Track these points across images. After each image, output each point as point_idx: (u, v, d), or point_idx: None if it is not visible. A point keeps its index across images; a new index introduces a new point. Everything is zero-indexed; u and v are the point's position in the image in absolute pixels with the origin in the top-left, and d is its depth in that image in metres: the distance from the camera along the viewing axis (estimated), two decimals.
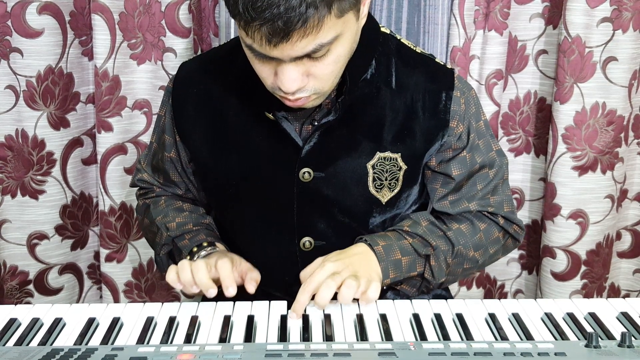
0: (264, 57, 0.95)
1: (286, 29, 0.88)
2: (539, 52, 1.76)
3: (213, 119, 1.16)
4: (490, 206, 1.19)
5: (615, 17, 1.63)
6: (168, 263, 1.22)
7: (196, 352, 0.85)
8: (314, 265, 1.07)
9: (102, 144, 1.67)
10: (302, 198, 1.14)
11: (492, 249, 1.21)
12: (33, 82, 1.60)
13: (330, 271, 1.03)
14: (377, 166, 1.13)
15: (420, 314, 1.01)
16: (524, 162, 1.85)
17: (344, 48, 0.97)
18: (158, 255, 1.23)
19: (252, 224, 1.19)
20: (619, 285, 1.95)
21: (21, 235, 1.71)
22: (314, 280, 1.02)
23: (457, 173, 1.17)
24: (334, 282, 1.01)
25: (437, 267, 1.13)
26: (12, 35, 1.57)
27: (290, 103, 1.01)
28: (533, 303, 1.06)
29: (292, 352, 0.84)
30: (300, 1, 0.86)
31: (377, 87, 1.12)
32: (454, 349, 0.86)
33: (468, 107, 1.16)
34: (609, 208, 1.77)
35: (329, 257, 1.07)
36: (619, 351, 0.84)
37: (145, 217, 1.28)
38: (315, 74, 0.97)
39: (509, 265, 1.93)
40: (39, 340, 0.94)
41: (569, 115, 1.69)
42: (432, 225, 1.16)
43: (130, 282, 1.79)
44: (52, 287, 1.78)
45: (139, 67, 1.65)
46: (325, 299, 1.00)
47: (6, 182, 1.67)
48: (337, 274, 1.02)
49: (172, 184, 1.27)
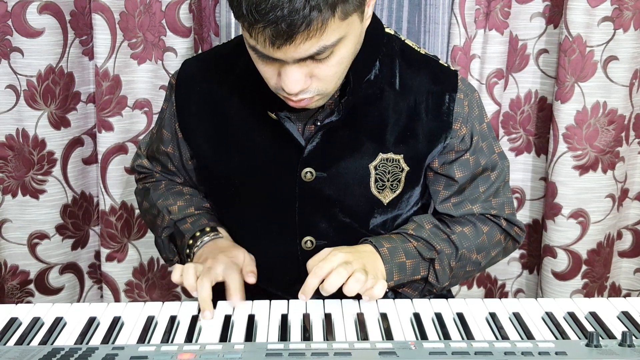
0: (268, 58, 0.95)
1: (290, 32, 0.88)
2: (539, 52, 1.76)
3: (215, 118, 1.16)
4: (493, 208, 1.19)
5: (616, 16, 1.63)
6: (169, 246, 1.23)
7: (197, 351, 0.85)
8: (321, 254, 1.06)
9: (102, 143, 1.67)
10: (303, 198, 1.14)
11: (493, 252, 1.21)
12: (34, 82, 1.60)
13: (343, 260, 1.03)
14: (379, 167, 1.13)
15: (420, 313, 1.01)
16: (525, 162, 1.85)
17: (347, 50, 0.97)
18: (159, 237, 1.24)
19: (254, 223, 1.19)
20: (619, 285, 1.95)
21: (22, 234, 1.72)
22: (326, 266, 1.02)
23: (460, 175, 1.17)
24: (345, 271, 1.01)
25: (441, 271, 1.14)
26: (13, 35, 1.57)
27: (294, 104, 1.01)
28: (534, 302, 1.06)
29: (293, 351, 0.84)
30: (304, 4, 0.86)
31: (381, 88, 1.12)
32: (454, 348, 0.86)
33: (471, 110, 1.16)
34: (610, 207, 1.77)
35: (339, 248, 1.07)
36: (619, 350, 0.84)
37: (145, 199, 1.29)
38: (318, 76, 0.97)
39: (510, 265, 1.93)
40: (39, 339, 0.94)
41: (569, 115, 1.69)
42: (436, 229, 1.16)
43: (130, 281, 1.79)
44: (53, 287, 1.78)
45: (140, 66, 1.65)
46: (334, 286, 1.00)
47: (7, 181, 1.67)
48: (349, 263, 1.02)
49: (171, 173, 1.28)
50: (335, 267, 1.01)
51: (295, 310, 1.03)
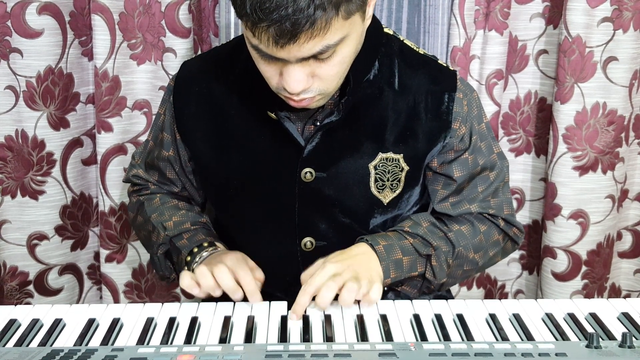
0: (270, 58, 0.95)
1: (294, 31, 0.88)
2: (539, 52, 1.76)
3: (215, 118, 1.16)
4: (491, 208, 1.19)
5: (616, 16, 1.63)
6: (165, 263, 1.22)
7: (196, 352, 0.85)
8: (315, 266, 1.07)
9: (102, 144, 1.67)
10: (303, 198, 1.14)
11: (491, 251, 1.21)
12: (33, 83, 1.60)
13: (331, 272, 1.02)
14: (379, 167, 1.13)
15: (420, 315, 1.01)
16: (525, 162, 1.85)
17: (349, 49, 0.97)
18: (155, 255, 1.23)
19: (253, 224, 1.19)
20: (619, 286, 1.95)
21: (21, 235, 1.71)
22: (315, 282, 1.01)
23: (459, 175, 1.17)
24: (335, 284, 1.00)
25: (438, 267, 1.13)
26: (12, 36, 1.56)
27: (295, 103, 1.01)
28: (534, 303, 1.06)
29: (293, 352, 0.84)
30: (308, 3, 0.86)
31: (380, 88, 1.12)
32: (454, 349, 0.86)
33: (470, 109, 1.16)
34: (610, 208, 1.77)
35: (330, 258, 1.07)
36: (619, 352, 0.84)
37: (139, 214, 1.27)
38: (320, 75, 0.97)
39: (510, 266, 1.93)
40: (39, 341, 0.94)
41: (569, 115, 1.69)
42: (432, 226, 1.16)
43: (130, 282, 1.79)
44: (52, 288, 1.77)
45: (139, 67, 1.65)
46: (326, 301, 1.00)
47: (6, 182, 1.67)
48: (339, 275, 1.02)
49: (167, 181, 1.27)
50: (325, 281, 1.01)
51: None
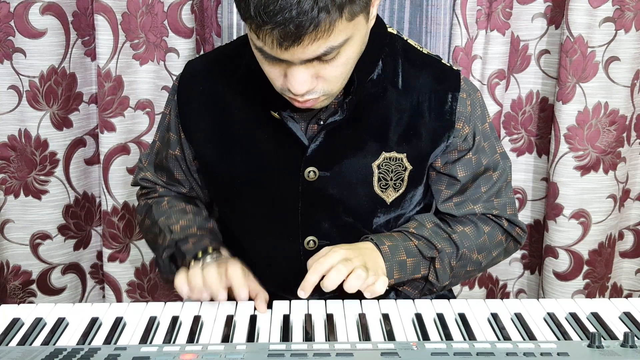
0: (274, 59, 0.95)
1: (297, 33, 0.88)
2: (541, 52, 1.76)
3: (218, 118, 1.16)
4: (495, 209, 1.19)
5: (618, 17, 1.63)
6: (170, 266, 1.22)
7: (199, 351, 0.85)
8: (322, 252, 1.06)
9: (104, 144, 1.67)
10: (306, 197, 1.14)
11: (494, 252, 1.21)
12: (36, 82, 1.60)
13: (343, 256, 1.03)
14: (382, 166, 1.13)
15: (422, 314, 1.01)
16: (526, 162, 1.85)
17: (353, 50, 0.97)
18: (160, 258, 1.22)
19: (256, 223, 1.19)
20: (621, 285, 1.95)
21: (24, 235, 1.72)
22: (326, 262, 1.02)
23: (462, 175, 1.17)
24: (345, 268, 1.01)
25: (441, 270, 1.14)
26: (15, 36, 1.57)
27: (299, 104, 1.02)
28: (535, 303, 1.06)
29: (295, 352, 0.84)
30: (312, 5, 0.86)
31: (384, 88, 1.12)
32: (456, 349, 0.86)
33: (474, 109, 1.16)
34: (611, 208, 1.77)
35: (340, 246, 1.07)
36: (621, 351, 0.85)
37: (147, 217, 1.27)
38: (324, 76, 0.97)
39: (511, 265, 1.93)
40: (42, 340, 0.95)
41: (571, 115, 1.69)
42: (437, 228, 1.16)
43: (132, 281, 1.80)
44: (55, 287, 1.78)
45: (142, 67, 1.65)
46: (335, 282, 1.00)
47: (9, 182, 1.67)
48: (349, 260, 1.02)
49: (175, 182, 1.27)
50: (335, 263, 1.01)
51: (297, 310, 1.03)
